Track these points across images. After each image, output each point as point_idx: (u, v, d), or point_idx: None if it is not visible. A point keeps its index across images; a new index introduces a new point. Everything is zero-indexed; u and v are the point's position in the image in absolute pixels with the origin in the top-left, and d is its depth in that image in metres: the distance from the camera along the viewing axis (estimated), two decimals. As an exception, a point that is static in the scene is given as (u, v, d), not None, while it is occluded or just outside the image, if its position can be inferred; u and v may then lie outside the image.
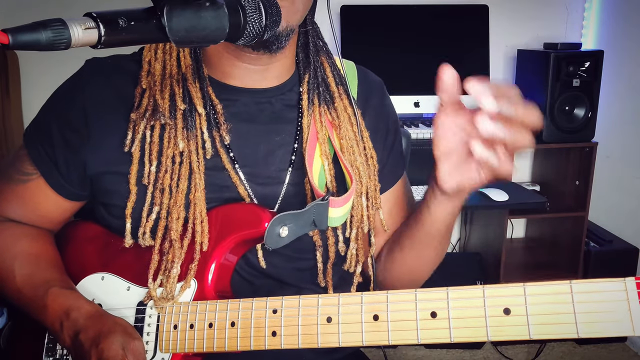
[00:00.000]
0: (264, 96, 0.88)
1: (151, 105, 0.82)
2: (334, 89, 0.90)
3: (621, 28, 2.56)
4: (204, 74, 0.85)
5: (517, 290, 0.60)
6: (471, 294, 0.62)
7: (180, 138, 0.81)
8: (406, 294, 0.66)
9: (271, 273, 0.88)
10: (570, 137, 2.37)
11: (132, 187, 0.82)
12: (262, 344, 0.72)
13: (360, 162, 0.88)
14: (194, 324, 0.77)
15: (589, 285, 0.58)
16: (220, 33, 0.62)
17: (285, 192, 0.87)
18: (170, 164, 0.81)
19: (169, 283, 0.79)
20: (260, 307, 0.73)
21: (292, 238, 0.81)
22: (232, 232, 0.80)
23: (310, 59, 0.90)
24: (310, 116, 0.88)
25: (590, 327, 0.57)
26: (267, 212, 0.80)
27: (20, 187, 0.89)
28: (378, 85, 1.00)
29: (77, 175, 0.86)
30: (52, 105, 0.89)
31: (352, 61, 0.99)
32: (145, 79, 0.83)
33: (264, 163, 0.87)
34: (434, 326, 0.63)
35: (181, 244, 0.80)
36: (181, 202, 0.81)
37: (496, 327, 0.61)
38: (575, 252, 2.47)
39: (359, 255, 0.90)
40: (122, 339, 0.75)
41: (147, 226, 0.81)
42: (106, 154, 0.84)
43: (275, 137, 0.87)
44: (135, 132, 0.82)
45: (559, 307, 0.58)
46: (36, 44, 0.49)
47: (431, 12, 2.47)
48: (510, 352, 2.51)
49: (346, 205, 0.85)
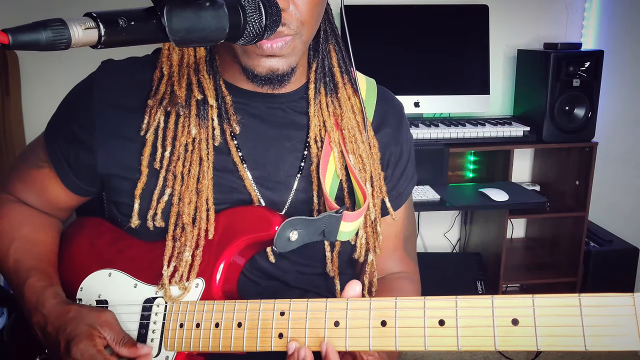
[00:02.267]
0: (276, 101, 0.88)
1: (168, 93, 0.84)
2: (338, 79, 0.90)
3: (621, 28, 2.56)
4: (217, 65, 0.86)
5: (525, 302, 0.60)
6: (480, 303, 0.62)
7: (193, 125, 0.83)
8: (415, 301, 0.65)
9: (277, 275, 0.89)
10: (570, 137, 2.37)
11: (143, 169, 0.83)
12: (269, 345, 0.72)
13: (363, 149, 0.88)
14: (200, 323, 0.77)
15: (597, 299, 0.58)
16: (220, 33, 0.62)
17: (293, 198, 0.87)
18: (182, 151, 0.83)
19: (181, 267, 0.80)
20: (268, 309, 0.73)
21: (300, 243, 0.81)
22: (243, 233, 0.81)
23: (320, 47, 0.90)
24: (317, 105, 0.88)
25: (598, 340, 0.57)
26: (278, 216, 0.81)
27: (35, 171, 0.92)
28: (397, 108, 0.99)
29: (87, 172, 0.88)
30: (67, 103, 0.91)
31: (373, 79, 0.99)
32: (166, 64, 0.84)
33: (274, 167, 0.87)
34: (441, 334, 0.63)
35: (192, 227, 0.81)
36: (192, 187, 0.82)
37: (504, 337, 0.60)
38: (575, 252, 2.47)
39: (369, 243, 0.90)
40: (90, 318, 0.77)
41: (159, 208, 0.83)
42: (116, 157, 0.85)
43: (286, 143, 0.88)
44: (151, 118, 0.83)
45: (567, 320, 0.58)
46: (36, 44, 0.49)
47: (431, 12, 2.47)
48: (510, 352, 2.51)
49: (357, 221, 0.86)
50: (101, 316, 0.78)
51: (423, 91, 2.43)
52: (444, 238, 2.84)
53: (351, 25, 0.90)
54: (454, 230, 2.85)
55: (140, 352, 0.77)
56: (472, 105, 2.48)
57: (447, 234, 2.84)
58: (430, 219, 2.78)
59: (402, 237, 1.00)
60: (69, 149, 0.88)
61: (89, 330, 0.76)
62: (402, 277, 0.99)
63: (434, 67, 2.49)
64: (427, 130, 2.32)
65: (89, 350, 0.74)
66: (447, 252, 2.82)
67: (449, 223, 2.83)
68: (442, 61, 2.49)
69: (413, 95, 2.41)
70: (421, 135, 2.30)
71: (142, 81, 0.86)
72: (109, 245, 0.90)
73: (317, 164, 0.87)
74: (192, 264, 0.81)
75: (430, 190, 2.26)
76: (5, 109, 2.36)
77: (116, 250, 0.89)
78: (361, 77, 0.97)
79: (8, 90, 2.37)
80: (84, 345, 0.74)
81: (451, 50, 2.49)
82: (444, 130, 2.32)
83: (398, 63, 2.44)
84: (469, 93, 2.48)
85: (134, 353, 0.77)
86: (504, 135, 2.36)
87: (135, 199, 0.83)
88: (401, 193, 0.97)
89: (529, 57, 2.50)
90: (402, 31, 2.46)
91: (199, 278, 0.81)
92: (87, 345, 0.74)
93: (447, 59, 2.49)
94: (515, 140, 2.38)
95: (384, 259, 0.97)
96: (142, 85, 0.85)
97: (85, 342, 0.75)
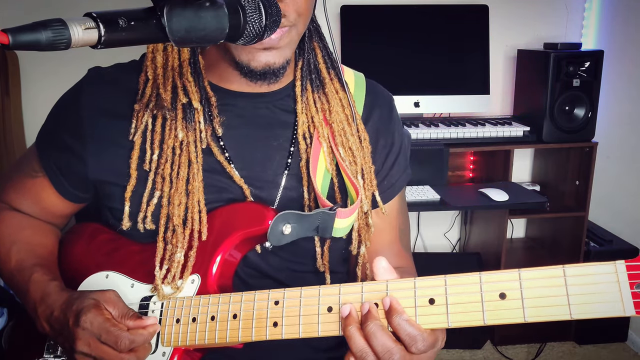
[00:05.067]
0: (262, 101, 0.88)
1: (154, 97, 0.84)
2: (324, 75, 0.91)
3: (621, 28, 2.56)
4: (200, 67, 0.86)
5: (512, 276, 0.62)
6: (468, 280, 0.64)
7: (180, 128, 0.83)
8: (405, 282, 0.67)
9: (269, 273, 0.90)
10: (570, 137, 2.37)
11: (132, 172, 0.84)
12: (264, 335, 0.73)
13: (352, 141, 0.89)
14: (196, 317, 0.78)
15: (581, 268, 0.60)
16: (220, 33, 0.62)
17: (282, 196, 0.88)
18: (170, 153, 0.83)
19: (173, 268, 0.81)
20: (263, 299, 0.74)
21: (294, 237, 0.82)
22: (237, 228, 0.82)
23: (305, 45, 0.90)
24: (304, 102, 0.89)
25: (583, 308, 0.59)
26: (271, 210, 0.82)
27: (29, 180, 0.93)
28: (386, 100, 0.99)
29: (79, 180, 0.89)
30: (55, 112, 0.91)
31: (361, 73, 0.99)
32: (150, 68, 0.85)
33: (261, 167, 0.88)
34: (431, 312, 0.65)
35: (183, 229, 0.82)
36: (182, 189, 0.83)
37: (492, 312, 0.62)
38: (575, 252, 2.47)
39: (361, 235, 0.91)
40: (95, 295, 0.77)
41: (149, 210, 0.83)
42: (107, 163, 0.86)
43: (273, 142, 0.88)
44: (138, 121, 0.84)
45: (552, 291, 0.60)
46: (36, 44, 0.50)
47: (431, 12, 2.47)
48: (510, 352, 2.51)
49: (351, 217, 0.86)
50: (105, 294, 0.79)
51: (423, 91, 2.43)
52: (444, 238, 2.84)
53: (351, 25, 0.90)
54: (454, 230, 2.85)
55: (146, 323, 0.78)
56: (472, 105, 2.48)
57: (447, 234, 2.84)
58: (430, 219, 2.78)
59: (398, 230, 1.00)
60: (60, 157, 0.88)
61: (95, 302, 0.77)
62: (401, 272, 0.99)
63: (434, 67, 2.49)
64: (427, 130, 2.31)
65: (97, 319, 0.75)
66: (447, 252, 2.82)
67: (449, 223, 2.83)
68: (442, 61, 2.49)
69: (413, 95, 2.41)
70: (421, 135, 2.30)
71: (129, 87, 0.86)
72: (106, 248, 0.91)
73: (306, 161, 0.88)
74: (186, 264, 0.82)
75: (430, 190, 2.26)
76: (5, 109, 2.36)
77: (113, 253, 0.90)
78: (349, 71, 0.97)
79: (8, 90, 2.37)
80: (92, 314, 0.75)
81: (451, 50, 2.49)
82: (444, 130, 2.32)
83: (398, 63, 2.44)
84: (469, 93, 2.48)
85: (140, 324, 0.78)
86: (504, 135, 2.36)
87: (126, 202, 0.84)
88: (393, 184, 0.97)
89: (529, 57, 2.50)
90: (402, 31, 2.46)
91: (195, 274, 0.82)
92: (95, 314, 0.75)
93: (447, 59, 2.49)
94: (515, 140, 2.38)
95: (381, 253, 0.96)
96: (129, 91, 0.86)
97: (94, 312, 0.75)
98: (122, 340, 0.74)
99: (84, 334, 0.75)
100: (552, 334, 2.58)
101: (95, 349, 0.75)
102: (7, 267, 0.90)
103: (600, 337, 2.57)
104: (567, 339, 2.59)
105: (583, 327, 2.54)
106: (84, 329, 0.75)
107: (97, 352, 0.75)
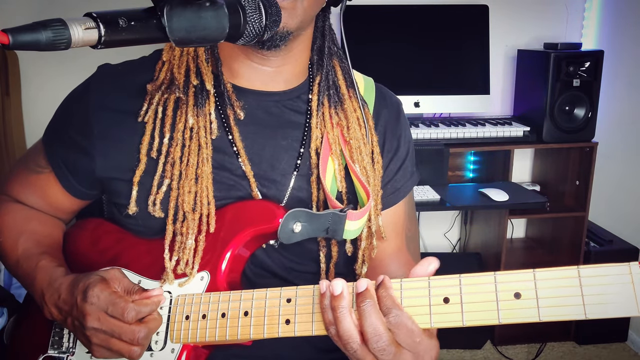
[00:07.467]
0: (272, 99, 0.88)
1: (168, 79, 0.85)
2: (344, 92, 0.91)
3: (621, 28, 2.56)
4: (218, 53, 0.86)
5: (527, 276, 0.63)
6: (483, 280, 0.64)
7: (191, 114, 0.83)
8: (419, 281, 0.67)
9: (276, 272, 0.90)
10: (570, 137, 2.37)
11: (142, 157, 0.84)
12: (276, 332, 0.73)
13: (367, 161, 0.89)
14: (206, 314, 0.78)
15: (595, 269, 0.60)
16: (220, 33, 0.62)
17: (289, 196, 0.88)
18: (181, 137, 0.83)
19: (185, 254, 0.81)
20: (274, 297, 0.74)
21: (304, 237, 0.83)
22: (248, 225, 0.82)
23: (324, 62, 0.91)
24: (320, 117, 0.89)
25: (597, 308, 0.60)
26: (281, 208, 0.83)
27: (35, 176, 0.94)
28: (395, 105, 1.00)
29: (87, 176, 0.89)
30: (64, 109, 0.92)
31: (370, 78, 1.00)
32: (167, 52, 0.86)
33: (269, 166, 0.87)
34: (446, 311, 0.65)
35: (194, 216, 0.82)
36: (192, 176, 0.83)
37: (507, 311, 0.63)
38: (575, 252, 2.47)
39: (364, 255, 0.91)
40: (100, 275, 0.78)
41: (158, 197, 0.83)
42: (115, 160, 0.86)
43: (281, 141, 0.88)
44: (150, 104, 0.84)
45: (567, 291, 0.61)
46: (36, 44, 0.50)
47: (431, 12, 2.47)
48: (510, 352, 2.51)
49: (362, 219, 0.86)
50: (109, 271, 0.79)
51: (423, 91, 2.43)
52: (444, 238, 2.84)
53: (352, 25, 0.91)
54: (454, 230, 2.85)
55: (152, 294, 0.78)
56: (472, 105, 2.48)
57: (447, 234, 2.84)
58: (430, 219, 2.78)
59: (405, 237, 1.00)
60: (67, 154, 0.89)
61: (101, 277, 0.77)
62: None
63: (434, 67, 2.49)
64: (427, 130, 2.32)
65: (104, 292, 0.75)
66: (447, 252, 2.82)
67: (449, 223, 2.83)
68: (442, 61, 2.49)
69: (413, 95, 2.41)
70: (421, 135, 2.31)
71: (139, 84, 0.86)
72: (111, 244, 0.91)
73: (317, 165, 0.88)
74: (196, 249, 0.82)
75: (430, 190, 2.27)
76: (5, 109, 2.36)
77: (118, 248, 0.90)
78: (359, 76, 0.98)
79: (8, 90, 2.37)
80: (99, 288, 0.75)
81: (451, 50, 2.49)
82: (444, 130, 2.32)
83: (398, 63, 2.44)
84: (469, 93, 2.48)
85: (146, 297, 0.78)
86: (504, 135, 2.37)
87: (134, 186, 0.84)
88: (398, 189, 0.97)
89: (529, 57, 2.50)
90: (403, 31, 2.46)
91: (204, 271, 0.82)
92: (101, 288, 0.75)
93: (447, 59, 2.49)
94: (515, 140, 2.38)
95: (387, 261, 0.96)
96: (139, 88, 0.86)
97: (100, 286, 0.76)
98: (128, 311, 0.74)
99: (93, 309, 0.75)
100: (552, 334, 2.58)
101: (105, 322, 0.75)
102: (13, 256, 0.91)
103: (600, 337, 2.57)
104: (567, 339, 2.59)
105: (583, 327, 2.54)
106: (91, 303, 0.75)
107: (108, 325, 0.75)
